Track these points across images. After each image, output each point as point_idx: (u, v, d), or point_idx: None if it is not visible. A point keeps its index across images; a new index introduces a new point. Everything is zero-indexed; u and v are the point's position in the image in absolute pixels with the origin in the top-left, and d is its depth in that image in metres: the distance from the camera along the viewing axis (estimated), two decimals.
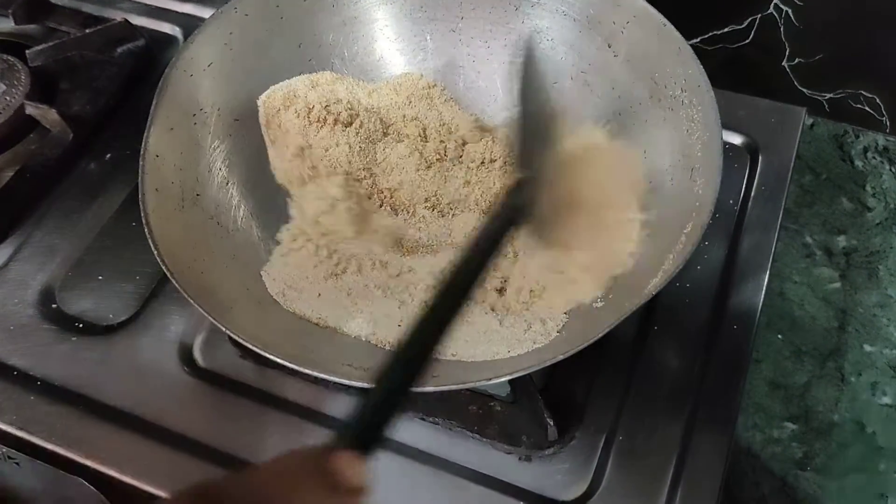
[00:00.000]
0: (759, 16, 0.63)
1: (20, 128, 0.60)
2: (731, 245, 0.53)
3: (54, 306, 0.52)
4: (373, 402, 0.25)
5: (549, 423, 0.44)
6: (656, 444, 0.45)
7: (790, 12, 0.61)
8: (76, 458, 0.46)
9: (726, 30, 0.65)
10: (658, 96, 0.48)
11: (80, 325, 0.51)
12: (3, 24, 0.69)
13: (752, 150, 0.57)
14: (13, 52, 0.63)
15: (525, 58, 0.41)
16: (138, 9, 0.70)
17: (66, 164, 0.59)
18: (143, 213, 0.42)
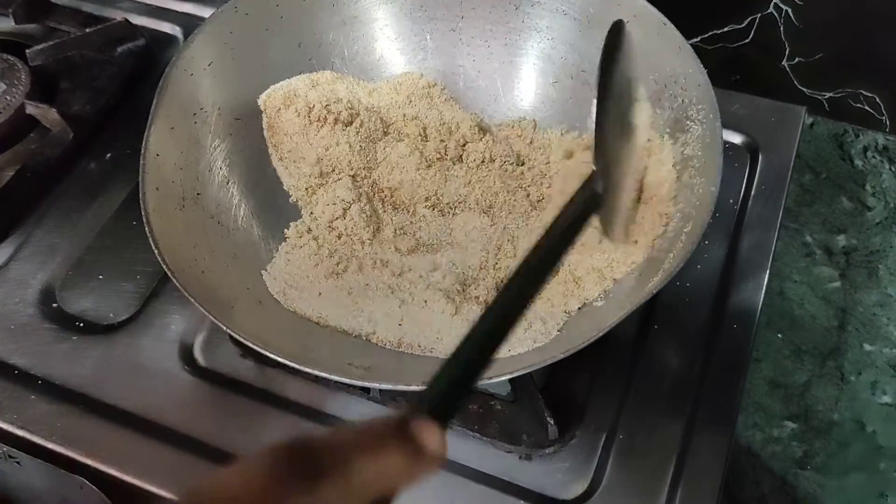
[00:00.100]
0: (758, 15, 0.63)
1: (20, 127, 0.60)
2: (731, 244, 0.53)
3: (55, 305, 0.52)
4: (450, 373, 0.26)
5: (549, 422, 0.44)
6: (656, 443, 0.45)
7: (790, 11, 0.61)
8: (77, 457, 0.46)
9: (726, 29, 0.65)
10: (658, 95, 0.48)
11: (81, 325, 0.51)
12: (4, 23, 0.69)
13: (752, 150, 0.57)
14: (13, 51, 0.63)
15: (608, 45, 0.39)
16: (138, 8, 0.70)
17: (66, 163, 0.59)
18: (143, 213, 0.42)
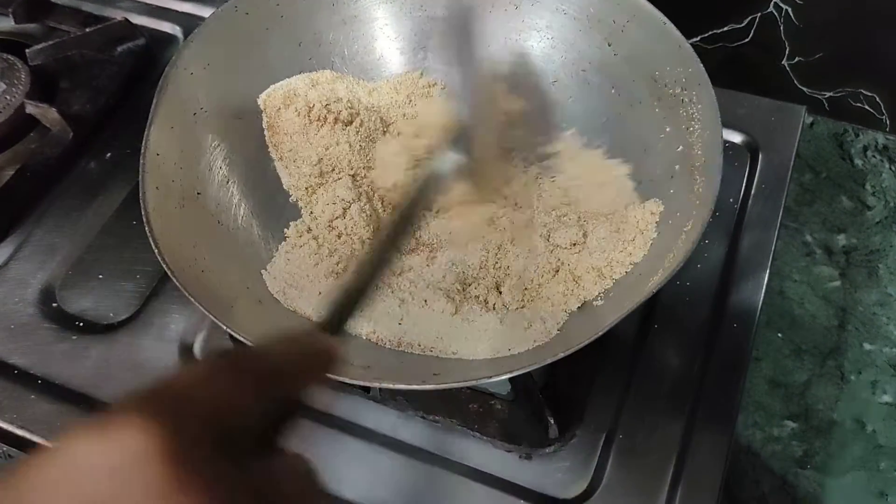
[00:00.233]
0: (758, 14, 0.63)
1: (20, 127, 0.60)
2: (731, 243, 0.53)
3: (55, 305, 0.52)
4: (340, 298, 0.33)
5: (549, 422, 0.44)
6: (656, 443, 0.45)
7: (790, 11, 0.61)
8: None
9: (726, 28, 0.65)
10: (658, 95, 0.48)
11: (81, 324, 0.51)
12: (3, 22, 0.69)
13: (752, 149, 0.57)
14: (13, 51, 0.63)
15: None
16: (138, 8, 0.70)
17: (66, 162, 0.59)
18: (143, 212, 0.42)
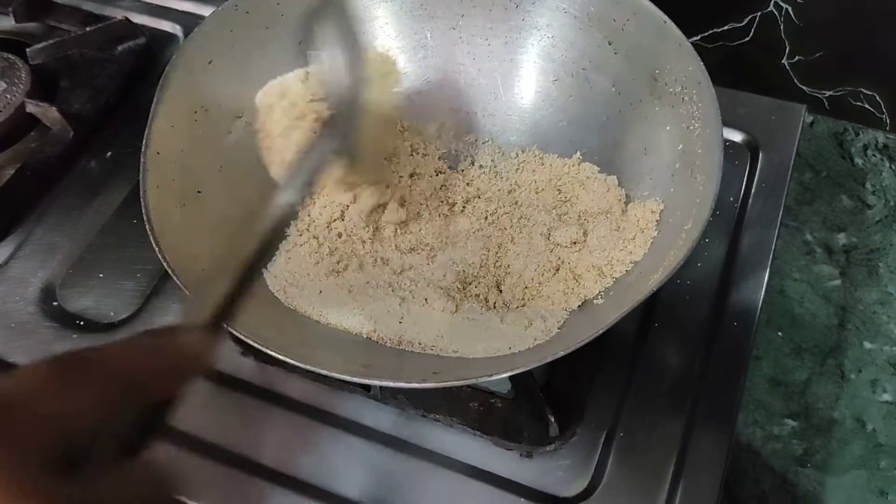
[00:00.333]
0: (759, 13, 0.63)
1: (21, 126, 0.60)
2: (731, 242, 0.53)
3: (55, 304, 0.52)
4: (216, 290, 0.29)
5: (550, 420, 0.45)
6: (657, 441, 0.45)
7: (790, 10, 0.61)
8: None
9: (726, 27, 0.65)
10: (658, 93, 0.48)
11: (81, 323, 0.51)
12: (4, 22, 0.69)
13: (752, 148, 0.57)
14: (13, 50, 0.63)
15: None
16: (139, 7, 0.70)
17: (66, 161, 0.59)
18: (144, 211, 0.42)
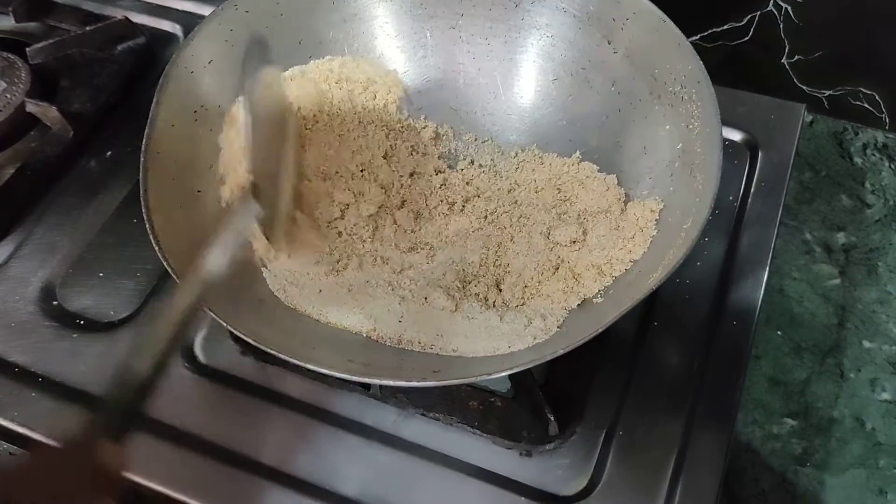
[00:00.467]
0: (758, 13, 0.63)
1: (21, 125, 0.60)
2: (730, 241, 0.53)
3: (55, 303, 0.52)
4: (122, 394, 0.29)
5: (549, 419, 0.45)
6: (656, 440, 0.45)
7: (790, 9, 0.61)
8: None
9: (726, 27, 0.65)
10: (658, 93, 0.48)
11: (81, 322, 0.51)
12: (4, 21, 0.69)
13: (751, 147, 0.57)
14: (14, 49, 0.63)
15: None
16: (139, 6, 0.70)
17: (66, 161, 0.59)
18: (144, 210, 0.42)
